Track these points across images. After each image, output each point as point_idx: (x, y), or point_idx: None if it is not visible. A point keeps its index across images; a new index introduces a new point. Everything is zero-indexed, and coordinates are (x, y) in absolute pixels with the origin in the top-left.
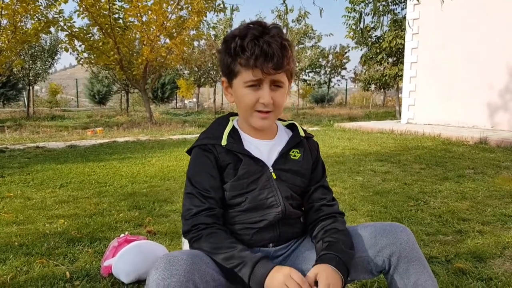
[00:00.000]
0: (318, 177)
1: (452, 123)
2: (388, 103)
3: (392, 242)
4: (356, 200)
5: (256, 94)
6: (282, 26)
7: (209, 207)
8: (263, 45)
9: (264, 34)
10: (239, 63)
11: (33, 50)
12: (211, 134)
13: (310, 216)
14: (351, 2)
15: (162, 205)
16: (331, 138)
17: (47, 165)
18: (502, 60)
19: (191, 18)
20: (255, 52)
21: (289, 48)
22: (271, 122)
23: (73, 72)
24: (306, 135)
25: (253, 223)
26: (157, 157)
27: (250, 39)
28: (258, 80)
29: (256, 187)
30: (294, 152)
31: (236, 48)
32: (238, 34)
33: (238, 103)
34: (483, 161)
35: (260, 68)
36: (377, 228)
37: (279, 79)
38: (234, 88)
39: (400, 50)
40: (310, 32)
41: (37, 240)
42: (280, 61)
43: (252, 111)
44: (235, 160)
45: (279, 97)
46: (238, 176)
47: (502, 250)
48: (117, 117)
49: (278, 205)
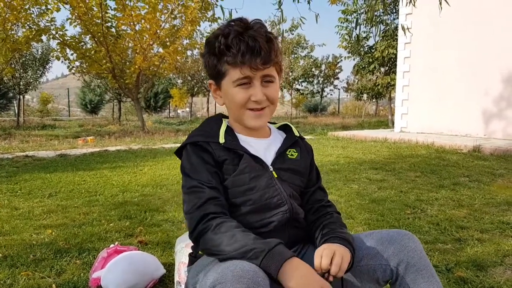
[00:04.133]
0: (314, 179)
1: (445, 131)
2: (381, 112)
3: (400, 250)
4: (352, 208)
5: (247, 92)
6: (276, 34)
7: (216, 196)
8: (248, 40)
9: (248, 29)
10: (225, 62)
11: (24, 58)
12: (204, 131)
13: (310, 217)
14: (344, 13)
15: (154, 214)
16: (325, 147)
17: (36, 174)
18: (495, 68)
19: (185, 27)
20: (241, 48)
21: (274, 41)
22: (266, 118)
23: (65, 82)
24: (301, 136)
25: (261, 227)
26: (149, 165)
27: (234, 35)
28: (247, 78)
29: (259, 185)
30: (291, 151)
31: (220, 47)
32: (220, 32)
33: (229, 104)
34: (478, 169)
35: (248, 64)
36: (383, 236)
37: (269, 74)
38: (224, 89)
39: (392, 59)
40: (303, 42)
41: (22, 251)
42: (267, 54)
43: (245, 110)
44: (232, 157)
45: (272, 92)
46: (240, 170)
47: (503, 258)
48: (109, 126)
49: (284, 203)
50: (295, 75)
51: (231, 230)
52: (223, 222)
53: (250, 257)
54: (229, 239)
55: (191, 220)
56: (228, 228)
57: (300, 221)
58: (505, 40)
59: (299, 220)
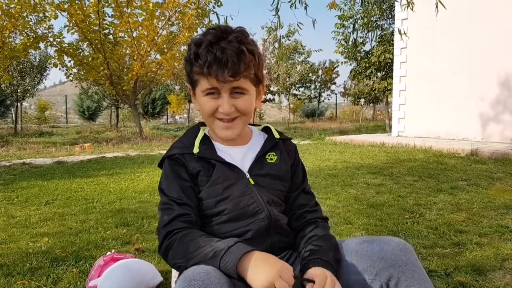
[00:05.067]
0: (299, 182)
1: (443, 135)
2: (378, 117)
3: (390, 265)
4: (350, 213)
5: (215, 102)
6: (273, 41)
7: (184, 213)
8: (216, 52)
9: (221, 39)
10: (195, 71)
11: (21, 66)
12: (181, 144)
13: (293, 224)
14: (340, 18)
15: (151, 221)
16: (322, 152)
17: (33, 182)
18: (491, 72)
19: (182, 33)
20: (208, 59)
21: (248, 53)
22: (237, 130)
23: (63, 89)
24: (282, 137)
25: (240, 235)
26: (147, 172)
27: (204, 45)
28: (215, 88)
29: (233, 194)
30: (271, 155)
31: (191, 56)
32: (195, 41)
33: (201, 112)
34: (476, 173)
35: (215, 76)
36: (374, 248)
37: (239, 86)
38: (197, 96)
39: (388, 64)
40: (300, 47)
41: (19, 260)
42: (236, 67)
43: (214, 119)
44: (206, 168)
45: (241, 103)
46: (212, 181)
47: (502, 263)
48: (106, 133)
49: (261, 211)
50: (292, 80)
51: (195, 238)
52: (188, 233)
53: (211, 258)
54: (193, 246)
55: (159, 237)
56: (192, 237)
57: (283, 227)
58: (501, 43)
59: (282, 226)
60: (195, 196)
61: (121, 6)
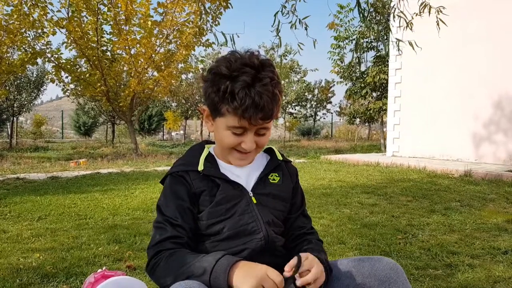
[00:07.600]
0: (298, 204)
1: (437, 156)
2: (373, 136)
3: (381, 282)
4: (344, 233)
5: (238, 139)
6: (270, 58)
7: (177, 235)
8: (254, 97)
9: (256, 80)
10: (226, 109)
11: (18, 81)
12: (186, 161)
13: (289, 245)
14: (336, 39)
15: (144, 238)
16: (317, 170)
17: (26, 197)
18: (484, 93)
19: (180, 51)
20: (246, 102)
21: (279, 96)
22: (251, 159)
23: (59, 104)
24: (284, 160)
25: (235, 254)
26: (141, 189)
27: (241, 87)
28: (243, 128)
29: (235, 213)
30: (273, 175)
31: (225, 93)
32: (228, 74)
33: (218, 140)
34: (469, 194)
35: (248, 118)
36: (365, 266)
37: (265, 126)
38: (217, 124)
39: (383, 84)
40: (296, 67)
41: (9, 276)
42: (270, 112)
43: (232, 151)
44: (210, 186)
45: (263, 140)
46: (216, 202)
47: (493, 285)
48: (102, 149)
49: (259, 231)
50: (288, 99)
51: (182, 256)
52: (175, 251)
53: (201, 275)
54: (180, 263)
55: (148, 255)
56: (178, 255)
57: (278, 249)
58: (494, 65)
59: (277, 248)
60: (191, 218)
61: (119, 24)
